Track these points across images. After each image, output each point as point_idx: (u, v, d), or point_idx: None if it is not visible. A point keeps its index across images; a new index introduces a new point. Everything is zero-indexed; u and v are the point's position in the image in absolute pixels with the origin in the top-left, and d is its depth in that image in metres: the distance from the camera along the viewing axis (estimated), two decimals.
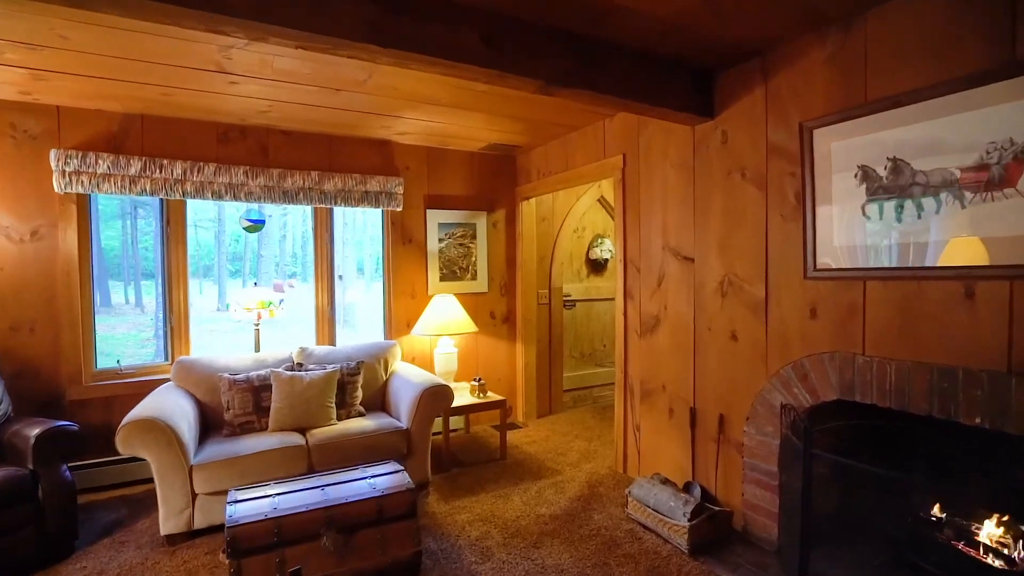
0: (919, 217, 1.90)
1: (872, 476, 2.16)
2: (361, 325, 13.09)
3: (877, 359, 2.05)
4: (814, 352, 2.30)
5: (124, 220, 17.24)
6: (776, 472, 2.47)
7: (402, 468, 2.49)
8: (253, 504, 2.13)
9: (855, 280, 2.13)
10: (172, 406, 2.72)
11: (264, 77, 2.71)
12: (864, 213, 2.07)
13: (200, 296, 18.57)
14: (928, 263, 1.89)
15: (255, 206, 3.86)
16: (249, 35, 1.70)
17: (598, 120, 3.58)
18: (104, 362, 3.40)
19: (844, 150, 2.13)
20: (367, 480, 2.37)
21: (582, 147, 3.78)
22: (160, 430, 2.48)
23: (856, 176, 2.08)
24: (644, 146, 3.22)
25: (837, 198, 2.16)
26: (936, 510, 2.17)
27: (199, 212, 18.81)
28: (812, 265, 2.28)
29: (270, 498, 2.18)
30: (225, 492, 2.54)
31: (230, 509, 2.07)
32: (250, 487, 2.31)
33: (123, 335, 13.02)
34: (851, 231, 2.12)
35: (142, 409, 2.58)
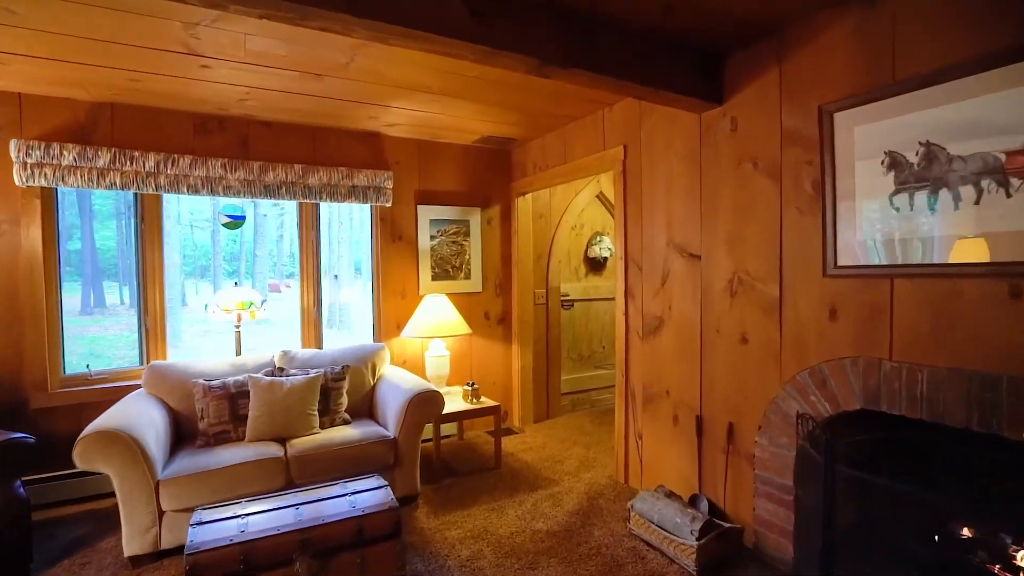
0: (956, 208, 1.71)
1: (901, 494, 1.97)
2: (356, 326, 12.89)
3: (906, 365, 1.86)
4: (834, 357, 2.10)
5: (119, 220, 17.03)
6: (791, 486, 2.27)
7: (386, 484, 2.30)
8: (219, 526, 1.93)
9: (881, 278, 1.94)
10: (139, 416, 2.52)
11: (238, 60, 2.51)
12: (892, 204, 1.88)
13: (196, 296, 18.36)
14: (966, 259, 1.70)
15: (235, 201, 3.66)
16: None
17: (597, 110, 3.38)
18: (93, 364, 3.20)
19: (869, 135, 1.93)
20: (347, 497, 2.17)
21: (581, 139, 3.58)
22: (123, 443, 2.28)
23: (883, 163, 1.89)
24: (646, 136, 3.03)
25: (861, 188, 1.97)
26: (968, 530, 1.98)
27: (195, 212, 18.59)
28: (832, 262, 2.08)
29: (238, 519, 1.98)
30: (195, 509, 2.34)
31: (192, 533, 1.87)
32: (218, 506, 2.11)
33: (115, 336, 12.87)
34: (877, 224, 1.93)
35: (104, 420, 2.38)
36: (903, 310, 1.88)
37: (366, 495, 2.18)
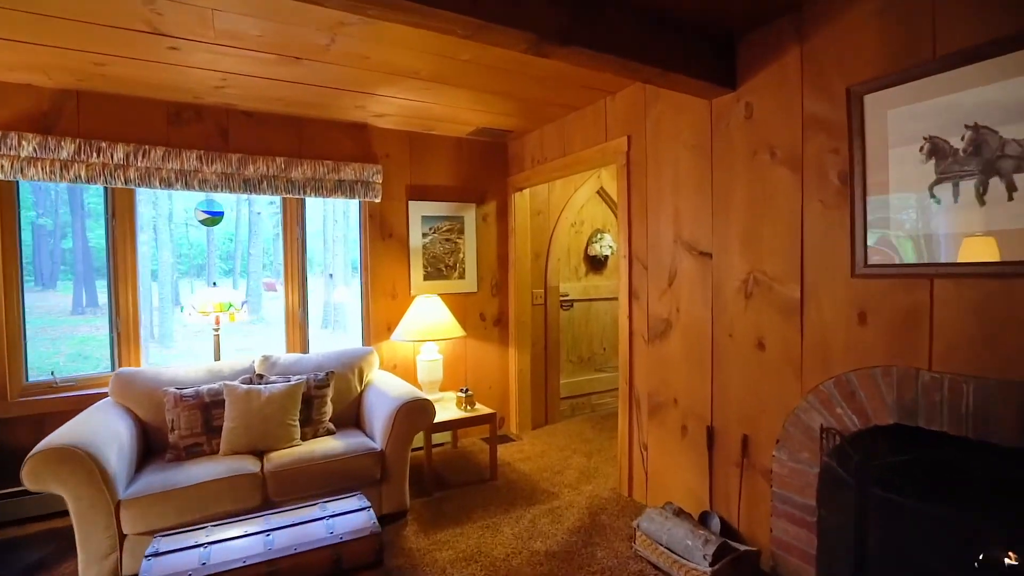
0: (1010, 198, 1.50)
1: (939, 518, 1.77)
2: (352, 327, 12.67)
3: (949, 376, 1.66)
4: (863, 365, 1.90)
5: None
6: (813, 507, 2.07)
7: (368, 505, 2.09)
8: (177, 557, 1.72)
9: (919, 278, 1.74)
10: (100, 428, 2.31)
11: (208, 41, 2.30)
12: (932, 196, 1.68)
13: (191, 295, 18.14)
14: (1021, 256, 1.50)
15: (219, 196, 3.45)
16: None
17: (599, 98, 3.18)
18: (83, 365, 2.99)
19: (905, 118, 1.73)
20: (324, 520, 1.97)
21: (581, 130, 3.37)
22: (78, 460, 2.07)
23: (922, 150, 1.69)
24: (652, 126, 2.82)
25: (896, 179, 1.76)
26: (1012, 556, 1.78)
27: (191, 210, 18.36)
28: (862, 260, 1.88)
29: (200, 548, 1.78)
30: (161, 531, 2.13)
31: (146, 566, 1.67)
32: (180, 532, 1.90)
33: (107, 335, 12.62)
34: (915, 219, 1.73)
35: (59, 435, 2.17)
36: (945, 314, 1.68)
37: (345, 519, 1.98)
